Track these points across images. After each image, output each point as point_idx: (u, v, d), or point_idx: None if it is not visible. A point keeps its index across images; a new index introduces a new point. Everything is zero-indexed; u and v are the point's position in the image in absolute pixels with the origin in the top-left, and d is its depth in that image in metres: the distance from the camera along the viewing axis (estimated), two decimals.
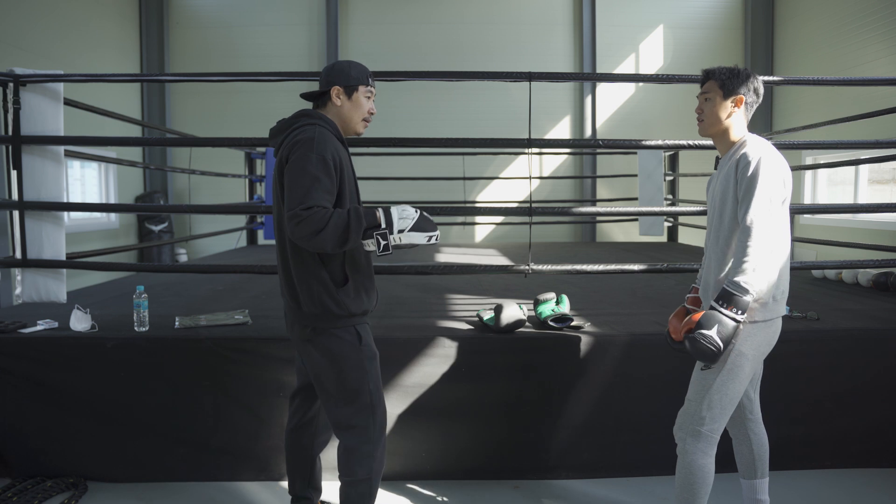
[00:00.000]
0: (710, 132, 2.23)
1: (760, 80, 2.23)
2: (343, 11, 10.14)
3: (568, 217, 9.35)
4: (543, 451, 3.01)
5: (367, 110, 2.24)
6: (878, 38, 7.74)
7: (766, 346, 2.16)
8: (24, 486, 2.81)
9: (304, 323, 2.14)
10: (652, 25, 10.23)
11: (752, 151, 2.09)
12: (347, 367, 2.13)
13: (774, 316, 2.14)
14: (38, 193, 3.36)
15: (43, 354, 2.94)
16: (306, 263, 2.09)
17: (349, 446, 2.17)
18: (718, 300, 2.01)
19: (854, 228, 7.87)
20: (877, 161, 4.54)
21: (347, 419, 2.16)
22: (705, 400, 2.12)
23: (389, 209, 2.06)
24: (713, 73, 2.22)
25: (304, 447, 2.41)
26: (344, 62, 2.23)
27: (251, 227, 7.99)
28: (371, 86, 2.24)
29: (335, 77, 2.19)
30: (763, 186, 2.02)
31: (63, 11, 7.96)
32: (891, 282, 4.18)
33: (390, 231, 2.04)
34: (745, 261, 1.99)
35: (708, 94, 2.21)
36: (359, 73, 2.21)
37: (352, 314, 2.13)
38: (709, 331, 1.98)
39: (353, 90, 2.20)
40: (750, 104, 2.20)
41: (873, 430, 3.08)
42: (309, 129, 2.06)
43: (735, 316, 1.99)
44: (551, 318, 3.13)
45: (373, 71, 2.32)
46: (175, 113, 10.13)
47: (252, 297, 4.09)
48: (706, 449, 2.14)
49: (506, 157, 9.89)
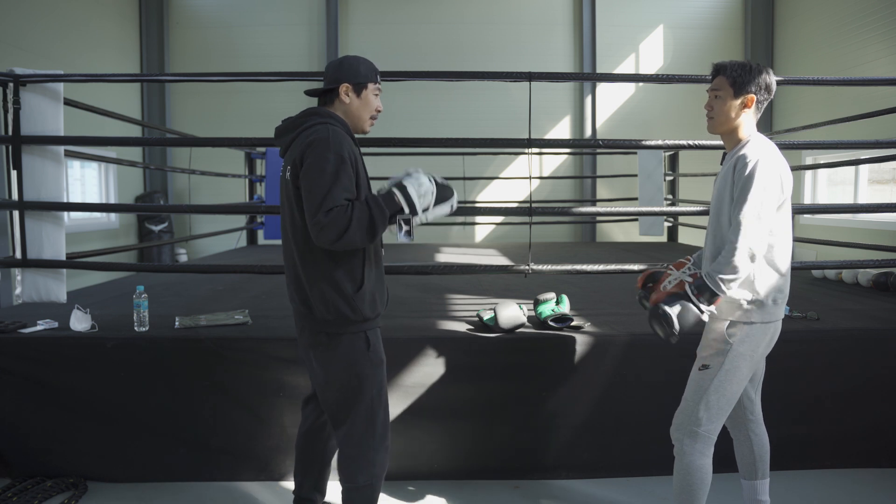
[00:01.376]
0: (720, 130, 2.18)
1: (773, 74, 2.16)
2: (343, 11, 10.14)
3: (568, 217, 9.35)
4: (543, 451, 3.01)
5: (375, 108, 2.19)
6: (878, 38, 7.74)
7: (763, 347, 2.15)
8: (24, 486, 2.81)
9: (315, 329, 2.09)
10: (652, 25, 10.23)
11: (752, 152, 2.06)
12: (352, 373, 2.09)
13: (773, 319, 2.13)
14: (38, 193, 3.36)
15: (43, 354, 2.94)
16: (319, 267, 2.03)
17: (350, 453, 2.13)
18: (693, 286, 2.01)
19: (854, 228, 7.86)
20: (877, 161, 4.54)
21: (348, 426, 2.11)
22: (703, 401, 2.12)
23: (406, 188, 1.99)
24: (724, 69, 2.15)
25: (315, 451, 2.38)
26: (352, 58, 2.17)
27: (251, 227, 7.99)
28: (379, 83, 2.20)
29: (344, 74, 2.12)
30: (757, 189, 2.00)
31: (63, 11, 7.96)
32: (891, 282, 4.18)
33: (413, 212, 2.00)
34: (728, 259, 1.98)
35: (718, 92, 2.15)
36: (368, 70, 2.15)
37: (366, 318, 2.08)
38: (670, 309, 1.98)
39: (363, 87, 2.14)
40: (761, 101, 2.14)
41: (873, 430, 3.08)
42: (321, 129, 2.01)
43: (700, 306, 1.99)
44: (551, 318, 3.13)
45: None
46: (175, 113, 10.13)
47: (252, 297, 4.09)
48: (703, 449, 2.14)
49: (506, 157, 9.89)
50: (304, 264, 2.05)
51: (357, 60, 2.16)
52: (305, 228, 2.00)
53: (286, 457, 2.95)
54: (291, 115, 2.16)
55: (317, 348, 2.11)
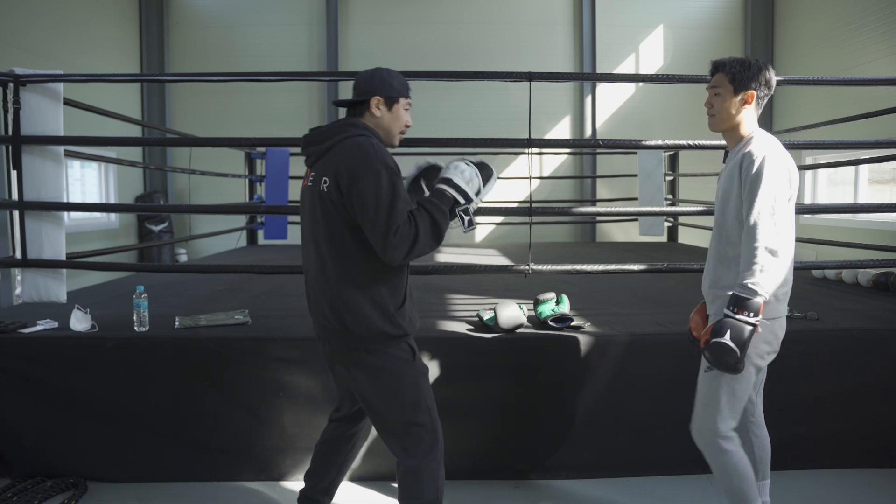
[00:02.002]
0: (722, 128, 2.17)
1: (772, 70, 2.15)
2: (343, 11, 10.14)
3: (568, 217, 9.35)
4: (543, 451, 3.01)
5: (405, 123, 2.14)
6: (878, 38, 7.74)
7: (765, 344, 2.12)
8: (24, 486, 2.81)
9: (352, 346, 2.02)
10: (652, 25, 10.23)
11: (757, 149, 2.03)
12: (403, 385, 2.03)
13: (775, 315, 2.12)
14: (38, 193, 3.36)
15: (43, 354, 2.93)
16: (361, 285, 1.96)
17: (414, 468, 2.05)
18: (730, 306, 1.97)
19: (854, 228, 7.87)
20: (877, 161, 4.54)
21: (409, 441, 2.04)
22: (716, 406, 2.11)
23: (451, 180, 1.99)
24: (723, 66, 2.13)
25: (336, 460, 2.33)
26: (384, 71, 2.11)
27: (251, 227, 7.99)
28: (410, 97, 2.14)
29: (377, 87, 2.07)
30: (767, 185, 1.98)
31: (63, 11, 7.96)
32: (891, 282, 4.17)
33: (468, 200, 1.99)
34: (752, 262, 1.95)
35: (718, 89, 2.13)
36: (400, 84, 2.10)
37: (406, 333, 2.04)
38: (721, 338, 1.93)
39: (394, 101, 2.09)
40: (761, 97, 2.13)
41: (873, 430, 3.08)
42: (364, 142, 1.96)
43: (748, 319, 1.94)
44: (551, 318, 3.13)
45: None
46: (175, 113, 10.13)
47: (252, 297, 4.09)
48: (729, 447, 2.14)
49: (506, 157, 9.88)
50: (345, 282, 1.97)
51: (390, 74, 2.11)
52: (347, 245, 1.95)
53: (286, 457, 2.95)
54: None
55: (353, 367, 2.05)
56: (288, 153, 7.04)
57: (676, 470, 3.00)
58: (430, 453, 2.07)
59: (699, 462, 2.99)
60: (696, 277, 4.76)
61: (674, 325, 3.16)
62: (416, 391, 2.06)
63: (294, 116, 9.85)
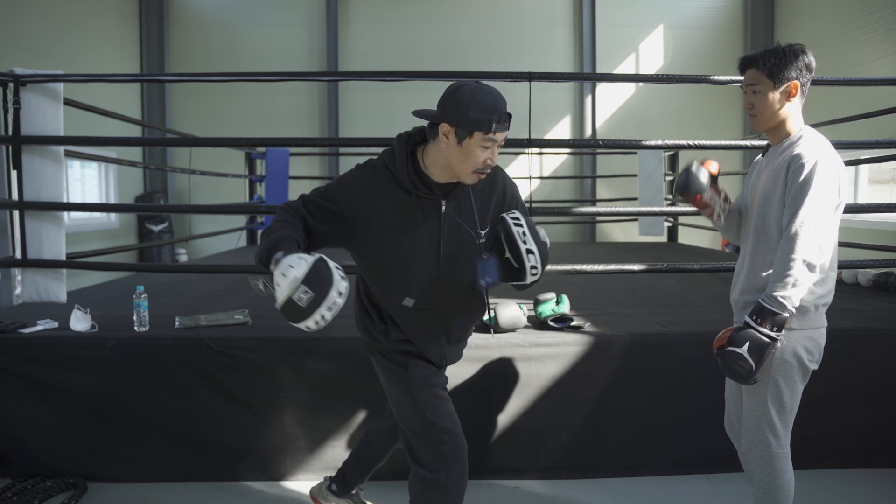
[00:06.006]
0: (766, 127, 1.97)
1: (810, 52, 1.93)
2: (343, 11, 10.14)
3: (568, 217, 9.35)
4: (543, 451, 3.01)
5: (483, 161, 1.70)
6: (879, 38, 7.74)
7: (806, 353, 1.99)
8: (24, 486, 2.81)
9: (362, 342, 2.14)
10: (652, 25, 10.23)
11: (808, 152, 1.85)
12: (397, 394, 2.02)
13: (815, 326, 2.00)
14: (38, 193, 3.36)
15: (43, 354, 2.93)
16: (356, 289, 2.04)
17: (416, 474, 2.03)
18: (752, 315, 1.85)
19: (854, 228, 7.86)
20: (877, 161, 4.54)
21: (411, 447, 2.03)
22: (768, 422, 1.99)
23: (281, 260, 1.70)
24: (755, 62, 1.91)
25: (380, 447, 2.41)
26: (469, 90, 1.68)
27: (251, 227, 7.99)
28: (493, 133, 1.68)
29: (450, 111, 1.68)
30: (815, 194, 1.81)
31: (63, 11, 7.96)
32: (891, 282, 4.17)
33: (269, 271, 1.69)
34: (786, 274, 1.81)
35: (756, 87, 1.93)
36: (480, 114, 1.65)
37: (392, 350, 2.01)
38: (739, 348, 1.82)
39: (467, 135, 1.67)
40: (805, 85, 1.92)
41: (873, 430, 3.07)
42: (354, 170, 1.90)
43: (770, 332, 1.82)
44: (551, 318, 3.13)
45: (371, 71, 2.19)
46: (175, 113, 10.13)
47: (252, 297, 4.07)
48: (781, 466, 2.02)
49: (506, 157, 9.86)
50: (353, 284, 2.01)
51: (473, 96, 1.67)
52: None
53: (286, 457, 2.95)
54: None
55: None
56: (288, 153, 7.04)
57: (676, 470, 3.00)
58: (436, 463, 1.96)
59: (699, 462, 3.01)
60: (696, 277, 4.77)
61: (674, 325, 3.16)
62: (411, 402, 1.99)
63: (294, 116, 9.86)
